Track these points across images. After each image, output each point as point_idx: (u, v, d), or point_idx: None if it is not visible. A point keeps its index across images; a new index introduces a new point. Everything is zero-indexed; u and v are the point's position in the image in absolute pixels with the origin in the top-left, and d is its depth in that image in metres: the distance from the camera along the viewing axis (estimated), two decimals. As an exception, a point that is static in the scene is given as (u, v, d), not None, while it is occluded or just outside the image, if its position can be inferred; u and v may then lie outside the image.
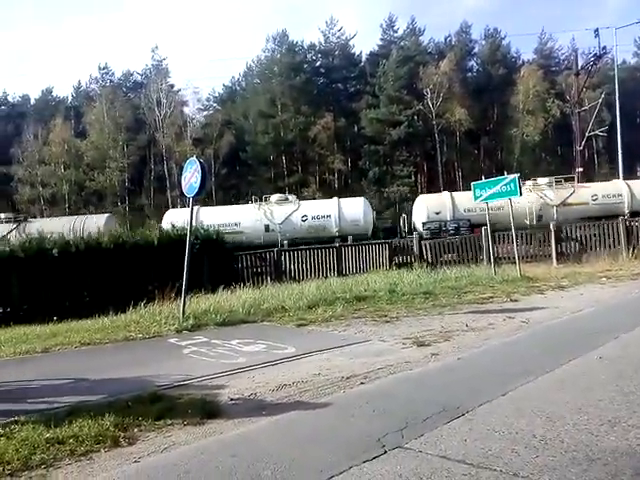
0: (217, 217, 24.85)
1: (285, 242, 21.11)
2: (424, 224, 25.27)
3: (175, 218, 23.01)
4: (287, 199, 27.38)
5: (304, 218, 25.84)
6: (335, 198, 27.62)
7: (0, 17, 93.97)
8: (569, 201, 25.23)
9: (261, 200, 27.04)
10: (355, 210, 26.34)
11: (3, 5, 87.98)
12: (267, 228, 25.49)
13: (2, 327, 10.89)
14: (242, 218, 25.75)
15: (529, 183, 26.06)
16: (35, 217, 28.77)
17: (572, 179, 27.30)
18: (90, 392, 5.50)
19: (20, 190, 50.76)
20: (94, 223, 24.62)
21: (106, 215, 28.70)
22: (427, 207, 25.91)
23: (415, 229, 25.87)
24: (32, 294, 12.99)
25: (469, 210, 24.60)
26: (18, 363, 7.18)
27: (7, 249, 13.62)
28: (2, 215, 27.87)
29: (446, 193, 27.22)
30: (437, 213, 25.34)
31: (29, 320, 11.31)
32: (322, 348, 7.22)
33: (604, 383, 4.93)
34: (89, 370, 6.54)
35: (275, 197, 27.55)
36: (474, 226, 23.33)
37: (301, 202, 27.49)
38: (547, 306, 9.96)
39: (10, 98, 65.98)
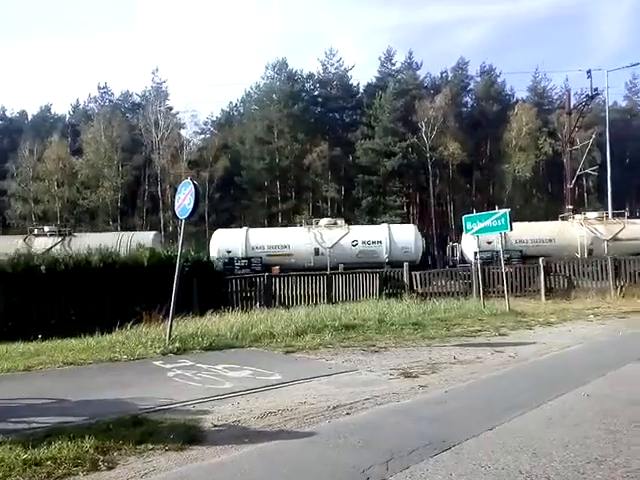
0: (266, 239, 24.98)
1: (340, 266, 20.76)
2: (476, 254, 25.29)
3: (224, 240, 22.97)
4: (336, 223, 27.55)
5: (354, 243, 26.04)
6: (385, 224, 28.15)
7: (2, 32, 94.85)
8: (619, 236, 25.47)
9: (309, 223, 27.25)
10: (406, 237, 26.70)
11: (5, 21, 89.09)
12: (317, 252, 25.46)
13: (-16, 343, 10.67)
14: (292, 241, 25.78)
15: (579, 217, 26.57)
16: (80, 232, 28.09)
17: (622, 215, 27.74)
18: (71, 413, 5.38)
19: (12, 205, 50.50)
20: (141, 240, 23.99)
21: (153, 233, 28.44)
22: (479, 237, 25.98)
23: (465, 259, 25.98)
24: (18, 311, 12.85)
25: (520, 241, 24.75)
26: (-1, 381, 7.04)
27: (-6, 264, 13.51)
28: (46, 228, 27.44)
29: None
30: (489, 243, 25.36)
31: (13, 337, 11.11)
32: (309, 376, 7.16)
33: (591, 420, 4.91)
34: (71, 390, 6.42)
35: (324, 221, 27.79)
36: (526, 257, 23.40)
37: (350, 227, 27.73)
38: (535, 341, 9.96)
39: (8, 113, 66.28)
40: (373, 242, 26.18)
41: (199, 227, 44.81)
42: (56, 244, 24.59)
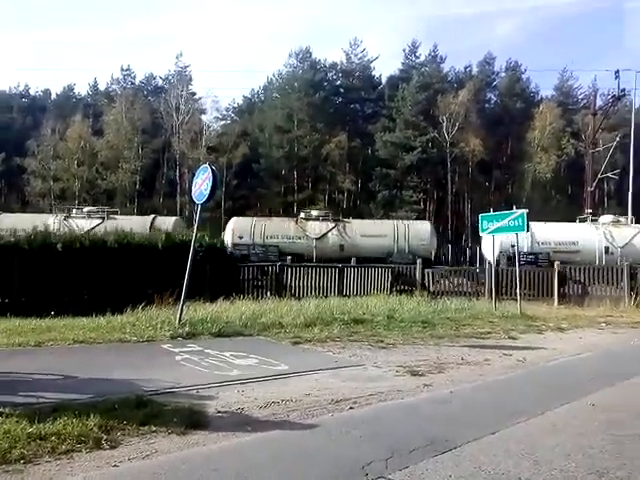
0: (551, 234, 24.63)
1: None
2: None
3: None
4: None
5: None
6: None
7: (30, 14, 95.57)
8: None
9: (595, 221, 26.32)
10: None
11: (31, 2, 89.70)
12: (607, 250, 24.67)
13: (-1, 317, 10.87)
14: (579, 237, 25.04)
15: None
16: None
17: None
18: (78, 390, 5.47)
19: (32, 183, 51.11)
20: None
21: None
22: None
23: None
24: (32, 287, 13.01)
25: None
26: (10, 355, 7.17)
27: (12, 239, 13.67)
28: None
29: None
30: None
31: (27, 312, 11.27)
32: (315, 368, 7.18)
33: (596, 431, 4.86)
34: (79, 368, 6.52)
35: (608, 217, 26.89)
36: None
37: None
38: (545, 347, 9.86)
39: (32, 91, 66.99)
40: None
41: (214, 213, 44.99)
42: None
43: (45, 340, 8.18)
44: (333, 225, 25.93)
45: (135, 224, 21.02)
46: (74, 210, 27.81)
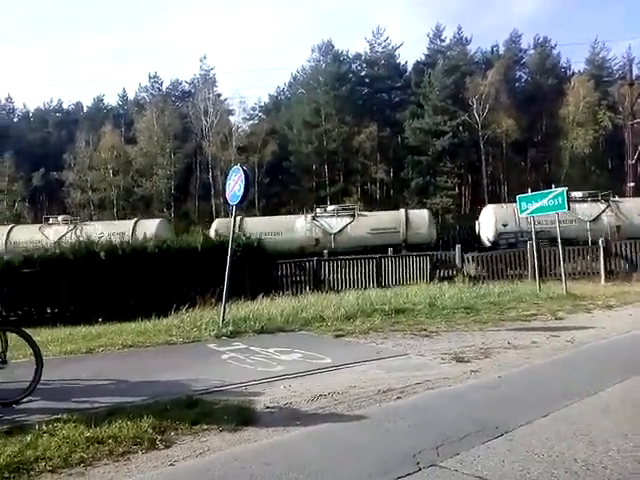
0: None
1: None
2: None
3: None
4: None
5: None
6: None
7: (60, 26, 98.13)
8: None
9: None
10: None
11: (53, 15, 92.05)
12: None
13: (50, 327, 11.25)
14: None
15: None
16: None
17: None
18: (130, 394, 5.62)
19: (72, 194, 52.59)
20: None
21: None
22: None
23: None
24: (79, 296, 13.42)
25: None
26: (63, 362, 7.39)
27: (57, 251, 14.13)
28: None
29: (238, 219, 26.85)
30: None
31: (75, 321, 11.66)
32: (359, 360, 7.17)
33: (653, 409, 4.72)
34: (130, 372, 6.69)
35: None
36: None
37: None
38: (594, 326, 9.61)
39: (65, 105, 68.79)
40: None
41: (249, 212, 45.39)
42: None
43: (95, 346, 8.41)
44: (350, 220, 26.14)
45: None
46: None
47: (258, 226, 25.47)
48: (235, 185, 10.27)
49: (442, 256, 19.13)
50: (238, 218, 26.51)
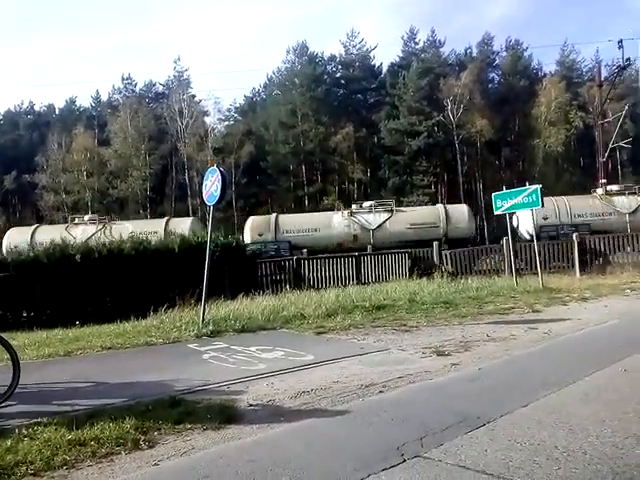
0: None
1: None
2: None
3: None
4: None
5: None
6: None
7: (30, 28, 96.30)
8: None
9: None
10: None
11: (26, 17, 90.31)
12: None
13: (26, 331, 11.03)
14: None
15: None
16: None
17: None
18: (111, 395, 5.55)
19: (45, 197, 51.67)
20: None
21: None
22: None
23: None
24: (55, 299, 13.18)
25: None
26: (41, 366, 7.26)
27: (31, 254, 13.86)
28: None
29: (273, 215, 27.00)
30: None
31: (52, 324, 11.45)
32: (341, 356, 7.21)
33: (629, 396, 4.83)
34: (110, 374, 6.61)
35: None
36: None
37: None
38: (570, 318, 9.80)
39: (37, 107, 67.52)
40: None
41: (227, 213, 45.18)
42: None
43: (74, 349, 8.28)
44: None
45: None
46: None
47: (293, 223, 25.32)
48: (212, 186, 10.23)
49: (420, 253, 19.28)
50: (272, 216, 26.59)
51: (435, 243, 19.57)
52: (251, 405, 5.14)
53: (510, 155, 54.72)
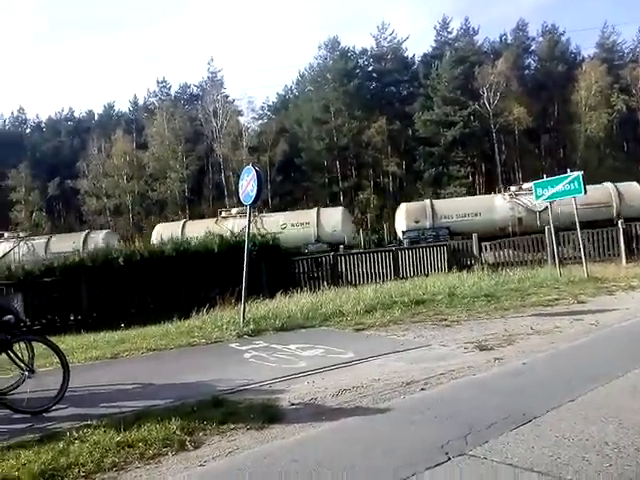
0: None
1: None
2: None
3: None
4: None
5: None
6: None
7: (68, 35, 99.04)
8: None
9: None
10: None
11: (70, 24, 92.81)
12: None
13: (73, 334, 11.36)
14: None
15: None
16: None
17: None
18: (157, 396, 5.66)
19: (87, 202, 53.17)
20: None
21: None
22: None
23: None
24: (100, 302, 13.55)
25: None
26: (89, 369, 7.46)
27: (77, 258, 14.28)
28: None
29: (427, 201, 26.48)
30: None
31: (98, 327, 11.77)
32: (381, 353, 7.16)
33: (683, 389, 4.65)
34: (155, 375, 6.75)
35: None
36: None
37: None
38: (617, 308, 9.51)
39: (77, 114, 69.51)
40: None
41: (262, 212, 45.41)
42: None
43: (120, 351, 8.49)
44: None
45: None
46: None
47: (451, 209, 25.06)
48: (248, 185, 10.29)
49: (459, 245, 18.98)
50: (427, 201, 26.41)
51: (474, 235, 19.21)
52: (293, 404, 5.17)
53: (550, 142, 53.40)
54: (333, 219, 24.44)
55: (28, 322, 12.19)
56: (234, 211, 28.54)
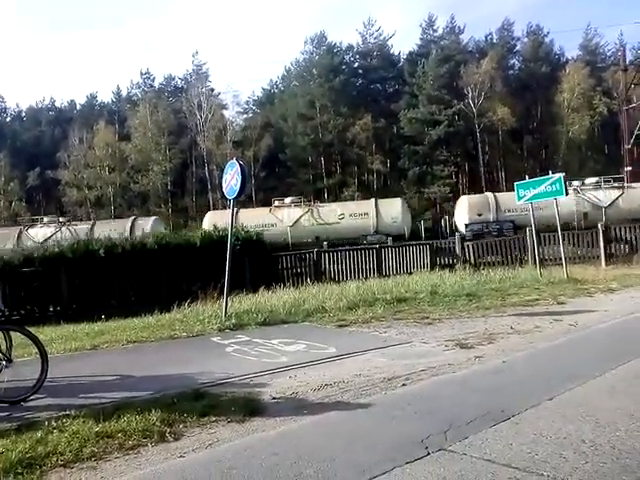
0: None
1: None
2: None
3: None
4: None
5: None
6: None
7: (50, 25, 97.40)
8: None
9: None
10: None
11: (51, 14, 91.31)
12: None
13: (53, 325, 11.23)
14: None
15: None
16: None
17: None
18: (137, 388, 5.62)
19: (68, 193, 52.46)
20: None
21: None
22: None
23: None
24: (80, 293, 13.41)
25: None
26: (68, 360, 7.38)
27: (57, 249, 14.09)
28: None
29: (489, 194, 26.51)
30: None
31: (77, 318, 11.66)
32: (363, 349, 7.19)
33: (658, 389, 4.74)
34: (135, 367, 6.70)
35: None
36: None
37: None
38: (596, 309, 9.66)
39: (58, 103, 68.49)
40: None
41: (246, 206, 45.27)
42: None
43: (100, 343, 8.41)
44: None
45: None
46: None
47: (511, 202, 24.91)
48: (232, 179, 10.23)
49: (442, 244, 19.13)
50: (489, 194, 26.18)
51: (457, 234, 19.38)
52: (274, 398, 5.17)
53: (532, 143, 53.97)
54: (393, 210, 24.27)
55: (7, 312, 12.00)
56: (287, 200, 28.50)
